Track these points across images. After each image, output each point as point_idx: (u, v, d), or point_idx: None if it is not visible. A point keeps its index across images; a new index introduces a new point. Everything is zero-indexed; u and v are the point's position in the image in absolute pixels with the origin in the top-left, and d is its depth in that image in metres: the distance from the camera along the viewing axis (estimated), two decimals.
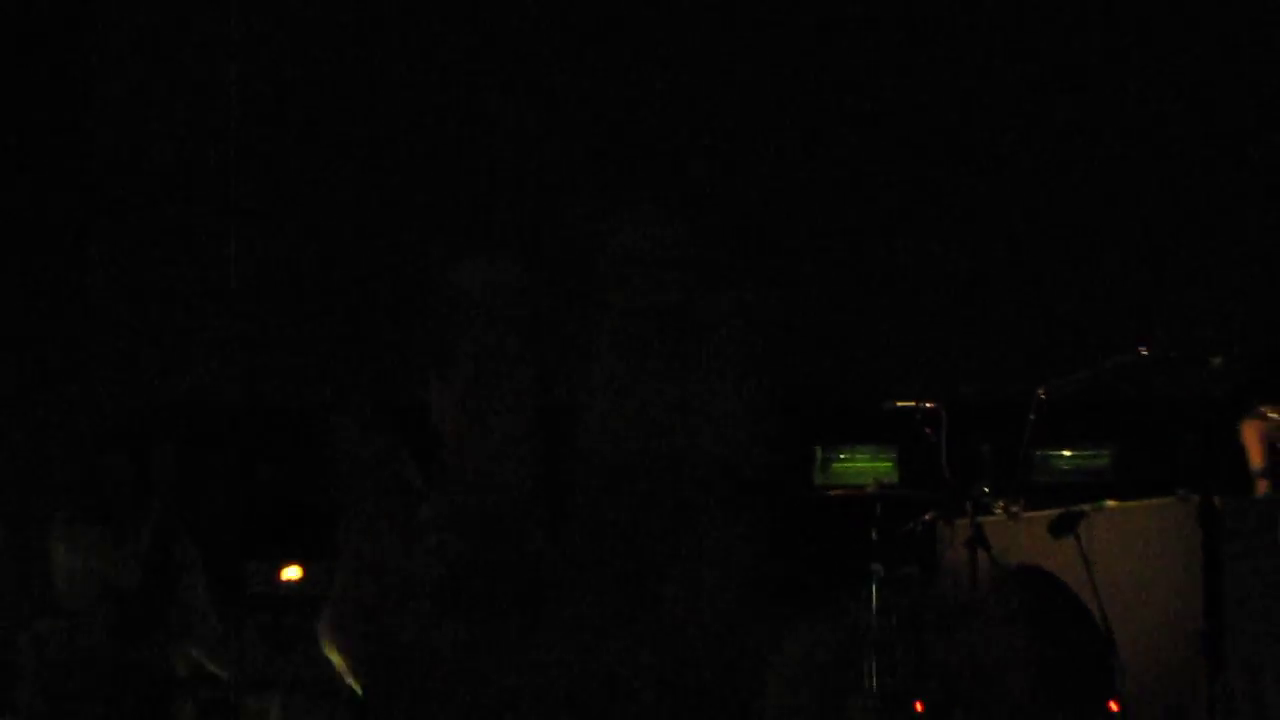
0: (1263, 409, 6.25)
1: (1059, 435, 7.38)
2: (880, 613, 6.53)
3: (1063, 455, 7.71)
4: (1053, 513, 6.39)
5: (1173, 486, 6.26)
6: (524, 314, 2.60)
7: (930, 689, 6.44)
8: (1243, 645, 5.99)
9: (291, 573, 6.47)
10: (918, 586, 6.72)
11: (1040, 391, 6.40)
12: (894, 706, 6.43)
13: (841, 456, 7.78)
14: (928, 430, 6.73)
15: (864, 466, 7.72)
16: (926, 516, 6.69)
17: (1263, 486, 6.32)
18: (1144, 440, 7.53)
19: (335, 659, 3.99)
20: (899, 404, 6.90)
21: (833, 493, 7.38)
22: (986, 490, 6.58)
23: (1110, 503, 6.51)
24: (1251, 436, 6.31)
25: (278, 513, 6.98)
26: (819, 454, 7.76)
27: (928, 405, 6.84)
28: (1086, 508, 6.38)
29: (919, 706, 6.41)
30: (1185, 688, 6.16)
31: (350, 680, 4.00)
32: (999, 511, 6.55)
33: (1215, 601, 6.00)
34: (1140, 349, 6.38)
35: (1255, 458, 6.31)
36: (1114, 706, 6.29)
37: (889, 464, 7.69)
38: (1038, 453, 7.25)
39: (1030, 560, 6.59)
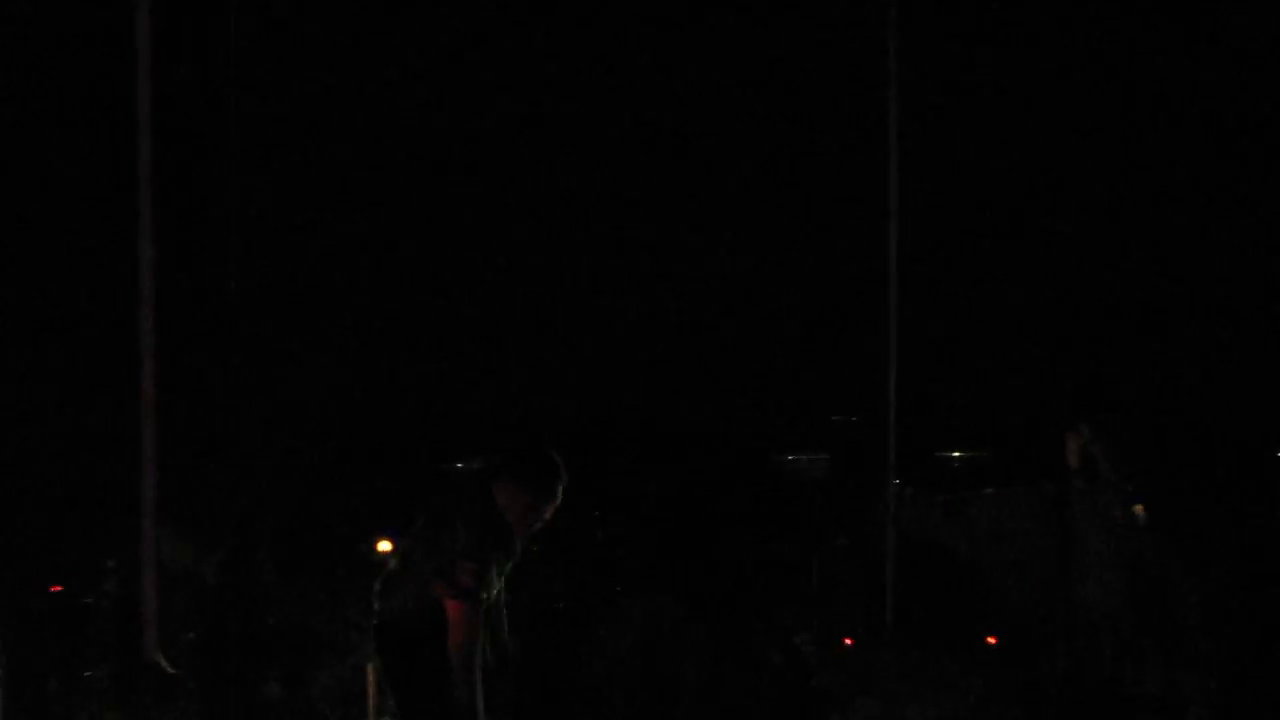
0: (1079, 425, 7.17)
1: (951, 439, 8.39)
2: (821, 574, 7.53)
3: (954, 455, 8.52)
4: (947, 497, 7.48)
5: (1035, 478, 7.37)
6: None
7: (858, 630, 7.39)
8: (1087, 594, 7.02)
9: (384, 546, 6.95)
10: (846, 555, 7.68)
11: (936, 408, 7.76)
12: (828, 643, 7.31)
13: (790, 459, 8.49)
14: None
15: (807, 466, 8.46)
16: (853, 502, 7.75)
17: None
18: (1015, 444, 8.26)
19: None
20: (834, 418, 8.19)
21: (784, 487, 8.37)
22: (898, 481, 7.62)
23: (989, 490, 7.55)
24: (1072, 445, 7.20)
25: (379, 501, 7.58)
26: (775, 458, 8.51)
27: (853, 419, 8.13)
28: (972, 494, 7.47)
29: (848, 641, 7.39)
30: (1046, 627, 7.15)
31: None
32: (908, 497, 7.60)
33: (1067, 562, 7.03)
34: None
35: (1073, 460, 7.20)
36: (992, 640, 7.29)
37: (825, 463, 8.45)
38: (936, 452, 8.33)
39: (930, 534, 7.57)
